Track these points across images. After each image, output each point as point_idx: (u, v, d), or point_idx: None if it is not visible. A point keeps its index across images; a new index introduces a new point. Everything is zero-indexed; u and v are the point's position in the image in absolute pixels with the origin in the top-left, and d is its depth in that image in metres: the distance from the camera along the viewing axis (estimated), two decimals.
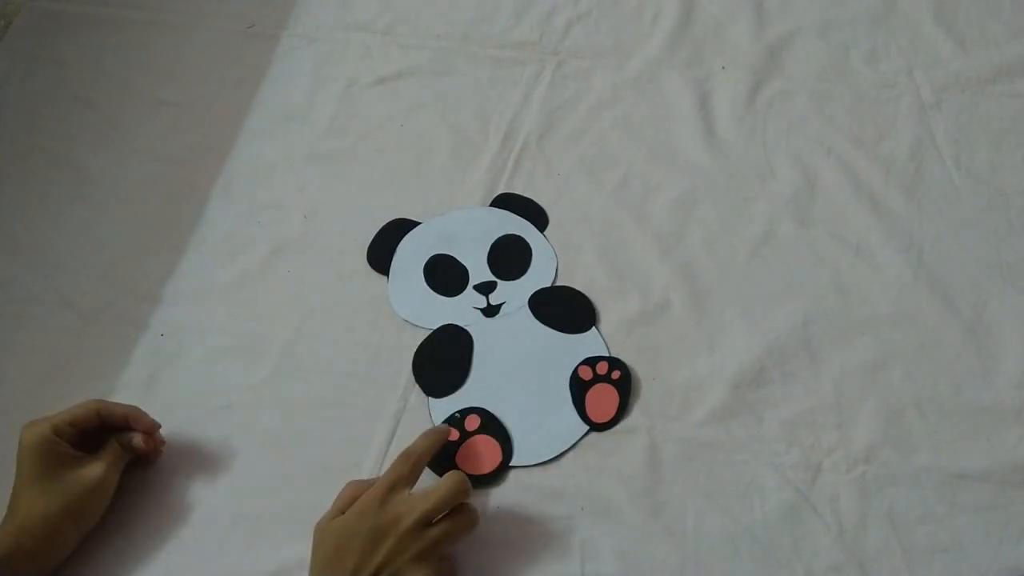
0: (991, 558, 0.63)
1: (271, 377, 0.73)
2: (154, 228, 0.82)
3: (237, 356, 0.75)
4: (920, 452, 0.67)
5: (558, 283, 0.77)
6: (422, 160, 0.85)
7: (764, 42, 0.90)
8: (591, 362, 0.72)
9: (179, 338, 0.76)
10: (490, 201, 0.82)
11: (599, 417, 0.70)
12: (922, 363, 0.71)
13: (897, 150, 0.82)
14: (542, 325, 0.75)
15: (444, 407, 0.71)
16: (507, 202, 0.82)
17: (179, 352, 0.75)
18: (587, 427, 0.70)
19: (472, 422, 0.70)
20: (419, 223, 0.81)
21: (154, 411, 0.71)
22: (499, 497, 0.67)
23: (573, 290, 0.77)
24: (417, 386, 0.73)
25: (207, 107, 0.90)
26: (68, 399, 0.71)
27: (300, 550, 0.63)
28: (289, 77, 0.92)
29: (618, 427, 0.70)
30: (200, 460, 0.70)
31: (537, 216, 0.81)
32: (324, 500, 0.63)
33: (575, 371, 0.72)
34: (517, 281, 0.77)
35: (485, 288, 0.77)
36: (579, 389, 0.71)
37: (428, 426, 0.70)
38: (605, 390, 0.71)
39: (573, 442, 0.69)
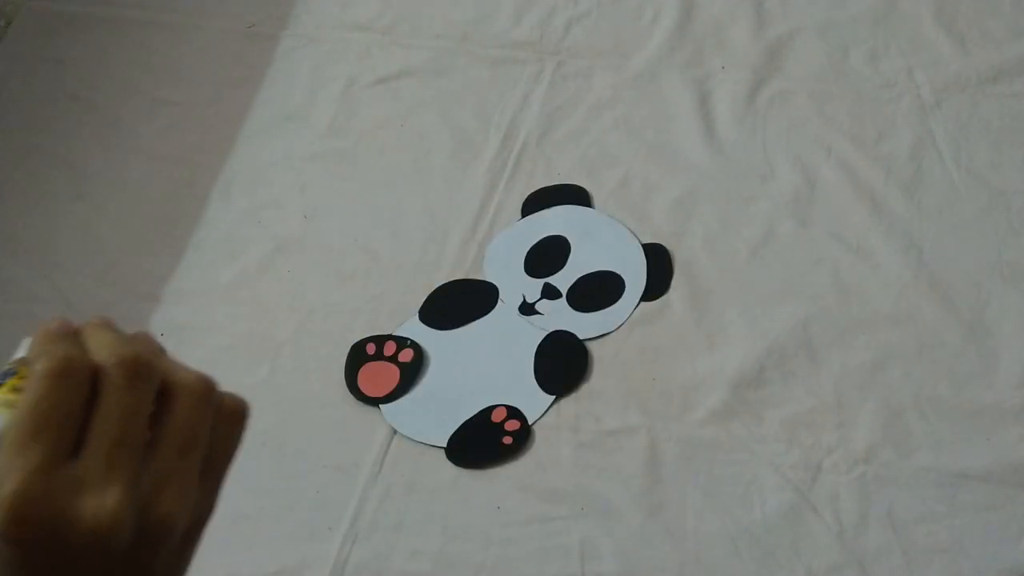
0: (991, 558, 0.63)
1: (271, 377, 0.73)
2: (154, 228, 0.82)
3: (237, 356, 0.75)
4: (920, 452, 0.67)
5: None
6: (422, 160, 0.85)
7: (764, 42, 0.90)
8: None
9: (179, 338, 0.76)
10: (491, 200, 0.82)
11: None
12: (922, 363, 0.71)
13: (897, 150, 0.82)
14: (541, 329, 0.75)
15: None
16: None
17: (179, 352, 0.74)
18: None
19: (406, 355, 0.72)
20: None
21: None
22: (499, 497, 0.67)
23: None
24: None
25: (207, 107, 0.90)
26: None
27: (300, 550, 0.63)
28: (289, 77, 0.92)
29: (618, 427, 0.69)
30: None
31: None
32: (324, 500, 0.63)
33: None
34: (579, 312, 0.76)
35: (549, 292, 0.76)
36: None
37: None
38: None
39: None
